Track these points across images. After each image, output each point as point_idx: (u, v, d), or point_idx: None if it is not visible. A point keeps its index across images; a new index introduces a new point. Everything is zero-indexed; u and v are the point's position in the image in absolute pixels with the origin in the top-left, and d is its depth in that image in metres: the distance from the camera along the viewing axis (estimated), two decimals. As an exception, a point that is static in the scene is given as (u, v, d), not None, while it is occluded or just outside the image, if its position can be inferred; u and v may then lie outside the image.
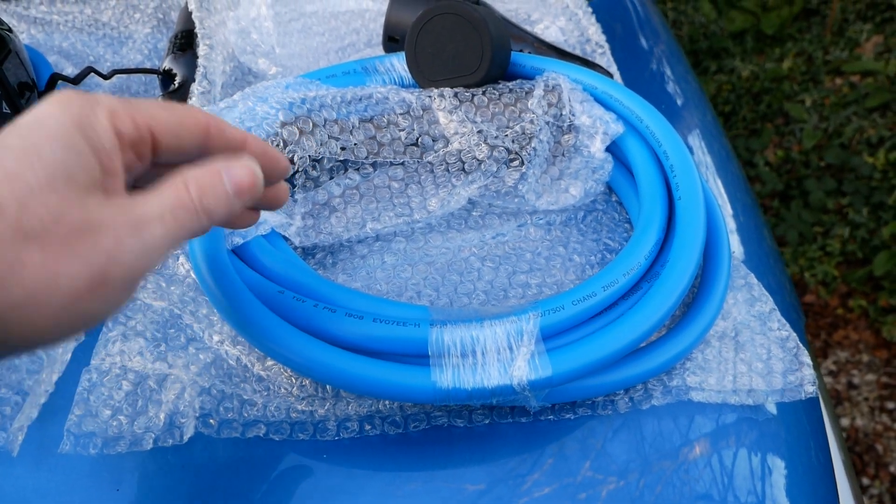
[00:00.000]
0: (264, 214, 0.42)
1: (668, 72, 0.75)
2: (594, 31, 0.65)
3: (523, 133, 0.47)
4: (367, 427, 0.37)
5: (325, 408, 0.37)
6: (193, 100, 0.49)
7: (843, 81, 1.89)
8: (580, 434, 0.38)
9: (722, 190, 0.59)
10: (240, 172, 0.27)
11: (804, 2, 2.18)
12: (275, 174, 0.31)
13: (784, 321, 0.42)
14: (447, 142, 0.46)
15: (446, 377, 0.34)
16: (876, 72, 1.85)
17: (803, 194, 1.59)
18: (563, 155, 0.49)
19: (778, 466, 0.38)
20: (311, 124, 0.44)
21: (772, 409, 0.40)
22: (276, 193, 0.33)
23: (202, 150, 0.28)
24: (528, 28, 0.64)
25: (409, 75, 0.50)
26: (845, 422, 1.23)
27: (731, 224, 0.55)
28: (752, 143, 1.74)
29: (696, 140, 0.65)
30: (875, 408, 1.25)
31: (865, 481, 1.15)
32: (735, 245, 0.52)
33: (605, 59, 0.63)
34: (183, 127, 0.27)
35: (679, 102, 0.70)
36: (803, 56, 2.01)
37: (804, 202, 1.58)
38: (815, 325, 1.38)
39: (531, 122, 0.47)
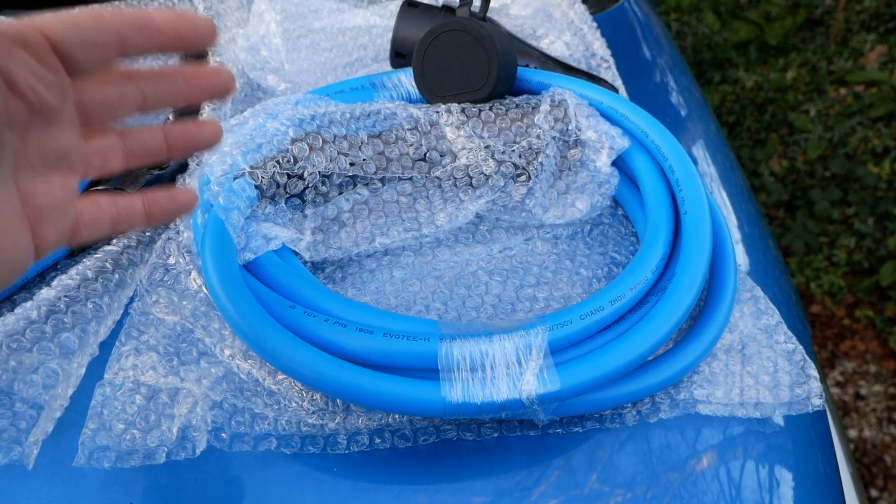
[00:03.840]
0: (275, 230, 0.42)
1: (672, 83, 0.75)
2: (599, 46, 0.65)
3: (530, 148, 0.47)
4: (377, 440, 0.38)
5: (336, 421, 0.38)
6: (204, 116, 0.49)
7: (848, 91, 1.89)
8: (587, 447, 0.38)
9: (726, 201, 0.59)
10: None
11: (808, 12, 2.18)
12: (199, 38, 0.29)
13: (790, 334, 0.42)
14: (455, 157, 0.47)
15: (456, 391, 0.34)
16: (880, 82, 1.85)
17: (808, 204, 1.59)
18: (569, 169, 0.50)
19: (785, 479, 0.39)
20: (320, 140, 0.44)
21: (779, 421, 0.40)
22: (209, 128, 0.32)
23: (121, 45, 0.26)
24: (533, 43, 0.64)
25: (417, 91, 0.50)
26: (853, 433, 1.22)
27: (735, 235, 0.55)
28: (756, 154, 1.74)
29: (700, 151, 0.65)
30: (883, 419, 1.24)
31: (874, 493, 1.14)
32: (740, 256, 0.52)
33: (610, 74, 0.63)
34: (79, 21, 0.26)
35: (683, 114, 0.71)
36: (807, 66, 2.01)
37: (809, 212, 1.57)
38: (821, 335, 1.38)
39: (538, 137, 0.47)
